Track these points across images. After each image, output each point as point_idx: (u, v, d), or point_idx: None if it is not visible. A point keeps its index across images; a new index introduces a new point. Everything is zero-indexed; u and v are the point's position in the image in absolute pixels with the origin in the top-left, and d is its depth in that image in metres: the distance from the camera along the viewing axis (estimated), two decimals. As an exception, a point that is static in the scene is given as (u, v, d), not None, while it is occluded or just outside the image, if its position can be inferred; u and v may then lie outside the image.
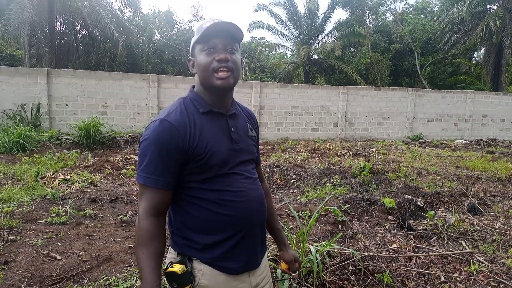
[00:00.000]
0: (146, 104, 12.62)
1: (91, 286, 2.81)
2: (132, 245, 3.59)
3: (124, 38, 19.04)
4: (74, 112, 11.89)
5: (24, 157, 7.88)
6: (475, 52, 27.49)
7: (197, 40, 1.31)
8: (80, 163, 7.76)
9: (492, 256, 3.50)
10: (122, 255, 3.37)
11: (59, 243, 3.60)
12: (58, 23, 20.35)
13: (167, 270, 1.27)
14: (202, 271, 1.30)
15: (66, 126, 11.58)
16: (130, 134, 11.15)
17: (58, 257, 3.27)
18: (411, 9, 29.74)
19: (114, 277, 2.94)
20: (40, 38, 20.04)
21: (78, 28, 22.26)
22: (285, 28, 23.69)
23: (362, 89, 15.86)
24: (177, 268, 1.25)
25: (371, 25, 27.48)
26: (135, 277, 2.92)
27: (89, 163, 7.73)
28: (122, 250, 3.48)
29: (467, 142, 15.26)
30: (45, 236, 3.73)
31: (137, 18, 25.05)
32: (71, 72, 12.23)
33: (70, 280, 2.92)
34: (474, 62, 25.95)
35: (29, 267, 3.06)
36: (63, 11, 19.19)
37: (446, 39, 23.55)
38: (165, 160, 1.23)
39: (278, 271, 2.72)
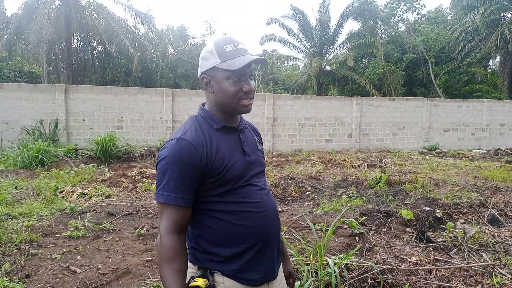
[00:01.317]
0: (161, 118, 12.79)
1: (110, 300, 2.83)
2: (150, 259, 3.62)
3: (139, 54, 19.43)
4: (91, 127, 12.11)
5: (43, 172, 8.04)
6: (490, 61, 27.16)
7: (226, 68, 1.30)
8: (97, 177, 7.88)
9: (515, 268, 3.41)
10: (140, 268, 3.40)
11: (78, 257, 3.65)
12: (75, 40, 20.92)
13: (190, 285, 1.28)
14: (224, 284, 1.32)
15: (83, 140, 11.79)
16: (145, 148, 11.29)
17: (78, 271, 3.31)
18: (423, 19, 29.65)
19: (132, 290, 2.96)
20: (57, 55, 20.62)
21: (94, 44, 22.85)
22: (297, 40, 23.85)
23: (376, 99, 15.78)
24: (200, 282, 1.27)
25: (383, 35, 27.48)
26: (153, 291, 2.93)
27: (106, 177, 7.84)
28: (140, 264, 3.50)
29: (485, 151, 14.97)
30: (64, 250, 3.79)
31: (151, 34, 25.59)
32: (87, 87, 12.51)
33: (90, 293, 2.95)
34: (489, 70, 25.62)
35: (50, 280, 3.11)
36: (80, 28, 19.72)
37: (460, 48, 23.34)
38: (185, 178, 1.25)
39: (296, 284, 2.70)
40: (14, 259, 3.49)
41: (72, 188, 6.49)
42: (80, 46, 21.86)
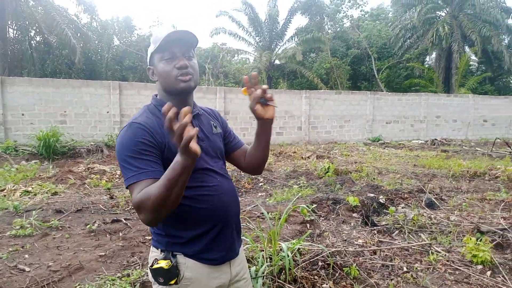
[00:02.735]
0: (108, 112, 12.35)
1: (64, 296, 2.78)
2: (103, 254, 3.56)
3: (81, 45, 18.51)
4: (31, 121, 11.44)
5: (-21, 170, 7.51)
6: (427, 56, 29.00)
7: (155, 50, 1.39)
8: (41, 174, 7.50)
9: (449, 246, 3.77)
10: (94, 264, 3.34)
11: (26, 255, 3.51)
12: (10, 30, 19.48)
13: (153, 267, 1.35)
14: (186, 265, 1.38)
15: (23, 136, 11.11)
16: (92, 143, 10.86)
17: (27, 269, 3.19)
18: (366, 15, 30.96)
19: (87, 285, 2.92)
20: (-9, 45, 19.09)
21: (32, 34, 21.41)
22: (247, 34, 23.95)
23: (324, 93, 16.32)
24: (163, 263, 1.34)
25: (329, 31, 28.36)
26: (109, 284, 2.91)
27: (51, 174, 7.49)
28: (93, 259, 3.44)
29: (423, 142, 16.04)
30: (10, 249, 3.62)
31: (94, 23, 24.41)
32: (26, 80, 11.78)
33: (41, 291, 2.87)
34: (427, 66, 27.34)
35: (-4, 280, 2.98)
36: (16, 16, 18.39)
37: (400, 44, 24.71)
38: (145, 154, 1.27)
39: (252, 269, 2.81)
40: (-46, 262, 3.29)
41: (14, 186, 6.15)
42: (16, 35, 20.39)
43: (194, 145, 1.07)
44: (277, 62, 24.80)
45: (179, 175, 1.11)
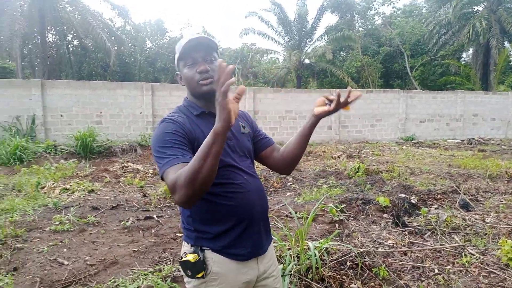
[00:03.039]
0: (141, 113, 12.71)
1: (100, 288, 2.90)
2: (136, 249, 3.69)
3: (116, 48, 19.15)
4: (69, 122, 11.94)
5: (23, 168, 7.93)
6: (464, 53, 27.97)
7: (179, 57, 1.50)
8: (78, 172, 7.84)
9: (483, 248, 3.65)
10: (128, 259, 3.47)
11: (64, 250, 3.69)
12: (50, 34, 20.43)
13: (182, 260, 1.42)
14: (214, 259, 1.44)
15: (61, 136, 11.62)
16: (126, 143, 11.22)
17: (66, 262, 3.36)
18: (399, 12, 30.19)
19: (121, 279, 3.04)
20: (32, 50, 20.11)
21: (70, 38, 22.35)
22: (276, 34, 23.94)
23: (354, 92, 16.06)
24: (190, 257, 1.40)
25: (360, 28, 27.87)
26: (141, 279, 3.02)
27: (87, 172, 7.80)
28: (127, 254, 3.57)
29: (459, 141, 15.51)
30: (50, 243, 3.82)
31: (128, 27, 25.17)
32: (64, 82, 12.32)
33: (79, 283, 3.01)
34: (463, 62, 26.39)
35: (38, 272, 3.15)
36: (54, 22, 19.28)
37: (434, 40, 23.96)
38: (177, 144, 1.34)
39: (279, 267, 2.84)
40: (0, 254, 3.51)
41: (54, 183, 6.46)
42: (55, 40, 21.36)
43: (232, 104, 1.13)
44: (306, 61, 24.64)
45: (212, 144, 1.15)
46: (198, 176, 1.17)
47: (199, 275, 1.41)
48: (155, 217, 4.79)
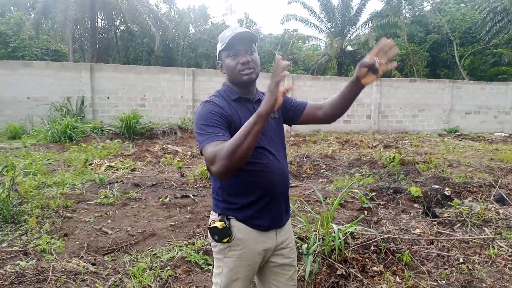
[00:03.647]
0: (182, 97, 13.13)
1: (139, 256, 3.19)
2: (173, 223, 3.98)
3: (160, 33, 19.70)
4: (115, 104, 12.57)
5: (72, 146, 8.53)
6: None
7: (222, 48, 1.64)
8: (122, 152, 8.32)
9: (514, 242, 3.61)
10: (165, 232, 3.76)
11: (109, 221, 4.04)
12: (99, 20, 21.33)
13: (210, 226, 1.62)
14: (238, 228, 1.62)
15: (107, 117, 12.27)
16: (167, 126, 11.69)
17: (109, 232, 3.70)
18: (450, -3, 28.70)
19: (158, 249, 3.32)
20: (82, 34, 21.12)
21: (117, 23, 23.21)
22: (318, 20, 23.58)
23: (397, 80, 15.68)
24: (218, 224, 1.60)
25: (407, 15, 26.83)
26: (176, 250, 3.28)
27: (131, 152, 8.27)
28: (164, 228, 3.86)
29: (507, 135, 14.77)
30: (96, 215, 4.19)
31: (172, 13, 25.77)
32: (112, 66, 12.92)
33: (121, 250, 3.33)
34: (518, 52, 24.78)
35: (85, 239, 3.51)
36: (104, 7, 20.10)
37: (487, 28, 22.60)
38: (217, 124, 1.51)
39: (304, 246, 3.00)
40: (53, 221, 3.90)
41: (100, 161, 6.93)
42: (104, 25, 22.29)
43: (279, 95, 1.30)
44: (349, 48, 24.14)
45: (253, 124, 1.31)
46: (238, 150, 1.32)
47: (225, 240, 1.60)
48: (191, 195, 5.08)
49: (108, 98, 12.52)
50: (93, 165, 6.74)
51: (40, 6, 17.87)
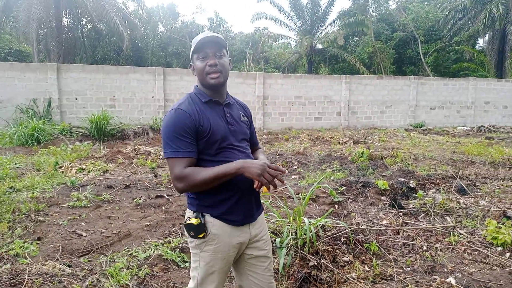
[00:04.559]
0: (153, 97, 13.01)
1: (115, 256, 3.22)
2: (148, 224, 4.01)
3: (129, 32, 19.37)
4: (84, 105, 12.31)
5: (40, 149, 8.33)
6: (479, 39, 27.49)
7: (193, 51, 1.75)
8: (93, 153, 8.20)
9: (472, 229, 3.87)
10: (140, 232, 3.78)
11: (82, 223, 4.02)
12: (65, 18, 20.71)
13: (186, 223, 1.70)
14: (212, 223, 1.71)
15: (76, 119, 12.01)
16: (138, 126, 11.57)
17: (84, 234, 3.69)
18: (414, -4, 29.66)
19: (134, 249, 3.35)
20: (47, 34, 20.41)
21: (84, 22, 22.61)
22: (288, 19, 23.88)
23: (365, 78, 16.12)
24: (194, 220, 1.68)
25: (374, 13, 27.60)
26: (153, 249, 3.32)
27: (102, 153, 8.16)
28: (140, 228, 3.89)
29: (469, 129, 15.49)
30: (69, 217, 4.15)
31: (141, 11, 25.36)
32: (79, 66, 12.64)
33: (96, 252, 3.34)
34: (479, 49, 25.96)
35: (60, 241, 3.49)
36: (69, 5, 19.54)
37: (449, 26, 23.57)
38: (184, 137, 1.63)
39: (277, 239, 3.11)
40: (25, 225, 3.85)
41: (70, 163, 6.82)
42: (70, 24, 21.66)
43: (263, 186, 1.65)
44: (318, 46, 24.59)
45: (226, 176, 1.60)
46: (203, 187, 1.63)
47: (200, 236, 1.69)
48: (166, 195, 5.10)
49: (76, 99, 12.25)
50: (63, 168, 6.63)
51: (0, 4, 17.19)
